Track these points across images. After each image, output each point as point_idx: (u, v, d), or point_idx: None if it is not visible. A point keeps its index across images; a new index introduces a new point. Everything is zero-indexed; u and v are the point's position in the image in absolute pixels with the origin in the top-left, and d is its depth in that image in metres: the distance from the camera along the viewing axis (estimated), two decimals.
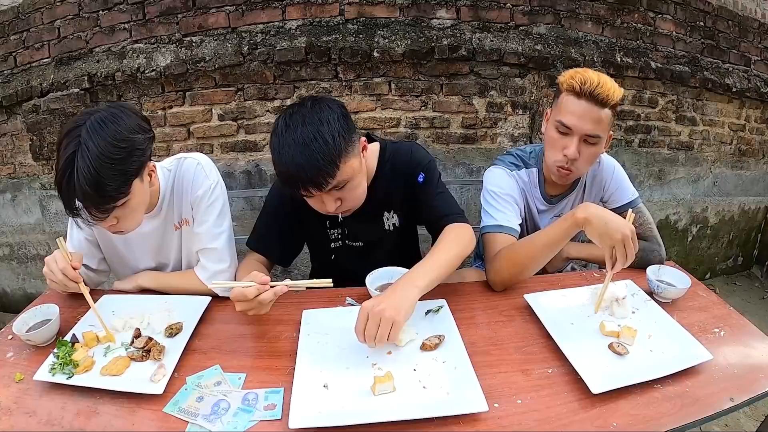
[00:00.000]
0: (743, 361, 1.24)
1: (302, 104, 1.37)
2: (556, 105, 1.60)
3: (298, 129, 1.29)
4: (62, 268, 1.34)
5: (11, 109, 2.99)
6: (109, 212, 1.26)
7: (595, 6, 2.99)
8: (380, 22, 2.77)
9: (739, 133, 3.68)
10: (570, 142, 1.55)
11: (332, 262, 1.77)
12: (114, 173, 1.22)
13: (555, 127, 1.58)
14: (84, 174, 1.18)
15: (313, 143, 1.27)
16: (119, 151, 1.23)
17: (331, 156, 1.29)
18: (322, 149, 1.27)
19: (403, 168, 1.63)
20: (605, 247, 1.34)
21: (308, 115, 1.32)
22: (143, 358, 1.23)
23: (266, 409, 1.08)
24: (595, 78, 1.49)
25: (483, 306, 1.49)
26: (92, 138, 1.20)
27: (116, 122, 1.25)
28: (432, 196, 1.63)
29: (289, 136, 1.29)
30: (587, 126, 1.52)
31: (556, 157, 1.60)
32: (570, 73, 1.54)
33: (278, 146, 1.31)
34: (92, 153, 1.19)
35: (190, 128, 2.84)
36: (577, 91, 1.50)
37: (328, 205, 1.39)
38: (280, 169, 1.34)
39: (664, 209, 3.58)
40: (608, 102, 1.50)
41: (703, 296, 1.54)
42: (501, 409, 1.08)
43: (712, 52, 3.38)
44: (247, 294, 1.21)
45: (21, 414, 1.09)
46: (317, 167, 1.27)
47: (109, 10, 2.76)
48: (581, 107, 1.51)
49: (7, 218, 3.30)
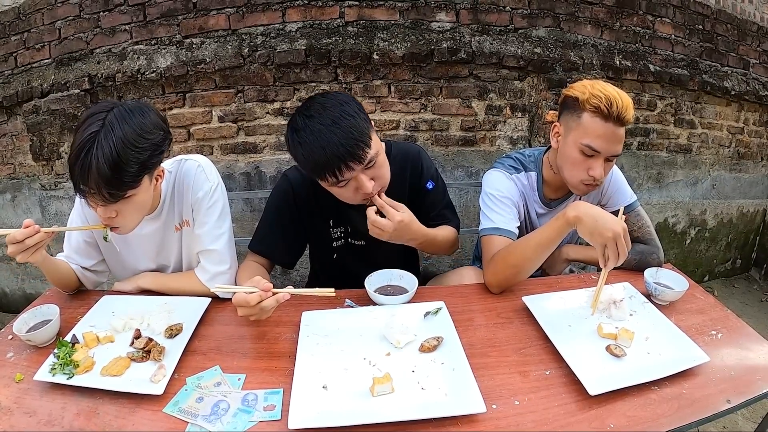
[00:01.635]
0: (740, 363, 1.24)
1: (312, 99, 1.41)
2: (576, 123, 1.54)
3: (322, 115, 1.34)
4: (21, 229, 1.31)
5: (11, 109, 2.99)
6: (117, 199, 1.27)
7: (594, 9, 3.00)
8: (380, 25, 2.77)
9: (738, 136, 3.69)
10: (596, 164, 1.53)
11: (333, 262, 1.78)
12: (133, 160, 1.24)
13: (579, 149, 1.54)
14: (105, 153, 1.19)
15: (341, 121, 1.32)
16: (143, 141, 1.26)
17: (362, 128, 1.35)
18: (352, 123, 1.33)
19: (412, 171, 1.68)
20: (597, 246, 1.35)
21: (326, 102, 1.37)
22: (143, 359, 1.23)
23: (266, 410, 1.09)
24: (617, 96, 1.45)
25: (481, 308, 1.50)
26: (119, 123, 1.23)
27: (143, 115, 1.29)
28: (440, 206, 1.73)
29: (315, 124, 1.33)
30: (615, 148, 1.52)
31: (582, 177, 1.57)
32: (589, 90, 1.49)
33: (307, 136, 1.34)
34: (117, 135, 1.21)
35: (190, 130, 2.84)
36: (605, 114, 1.46)
37: (365, 185, 1.40)
38: (315, 157, 1.34)
39: (662, 212, 3.59)
40: (630, 120, 1.49)
41: (701, 299, 1.55)
42: (499, 410, 1.08)
43: (711, 55, 3.39)
44: (250, 300, 1.22)
45: (21, 414, 1.09)
46: (354, 139, 1.32)
47: (110, 12, 2.76)
48: (609, 130, 1.49)
49: (6, 218, 3.30)
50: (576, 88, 1.54)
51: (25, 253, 1.33)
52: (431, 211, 1.71)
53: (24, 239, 1.31)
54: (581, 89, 1.52)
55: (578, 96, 1.51)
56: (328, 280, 1.78)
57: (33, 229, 1.32)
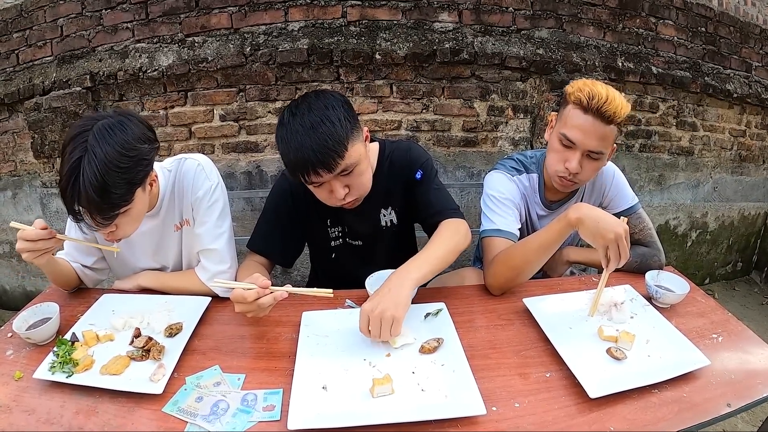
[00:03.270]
0: (741, 367, 1.24)
1: (306, 96, 1.41)
2: (561, 115, 1.59)
3: (305, 116, 1.34)
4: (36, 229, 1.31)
5: (13, 106, 2.99)
6: (112, 219, 1.26)
7: (597, 11, 3.00)
8: (382, 25, 2.77)
9: (740, 139, 3.69)
10: (572, 156, 1.54)
11: (332, 263, 1.78)
12: (120, 181, 1.22)
13: (558, 138, 1.56)
14: (90, 180, 1.17)
15: (320, 126, 1.31)
16: (127, 159, 1.22)
17: (339, 137, 1.32)
18: (329, 131, 1.31)
19: (402, 165, 1.65)
20: (599, 247, 1.35)
21: (313, 103, 1.37)
22: (143, 358, 1.23)
23: (265, 410, 1.09)
24: (603, 93, 1.46)
25: (482, 309, 1.49)
26: (100, 144, 1.19)
27: (124, 130, 1.24)
28: (428, 192, 1.64)
29: (297, 123, 1.33)
30: (592, 142, 1.51)
31: (558, 167, 1.59)
32: (578, 85, 1.51)
33: (286, 134, 1.35)
34: (99, 160, 1.18)
35: (191, 128, 2.84)
36: (584, 105, 1.48)
37: (337, 191, 1.40)
38: (289, 156, 1.35)
39: (663, 214, 3.58)
40: (615, 119, 1.48)
41: (702, 302, 1.55)
42: (499, 412, 1.08)
43: (713, 58, 3.39)
44: (247, 297, 1.22)
45: (20, 412, 1.09)
46: (326, 147, 1.30)
47: (112, 10, 2.76)
48: (587, 123, 1.49)
49: (7, 216, 3.30)
50: (570, 84, 1.57)
51: (33, 253, 1.32)
52: (421, 200, 1.66)
53: (37, 240, 1.30)
54: (573, 84, 1.55)
55: (567, 90, 1.55)
56: (328, 280, 1.78)
57: (48, 232, 1.32)
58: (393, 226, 1.74)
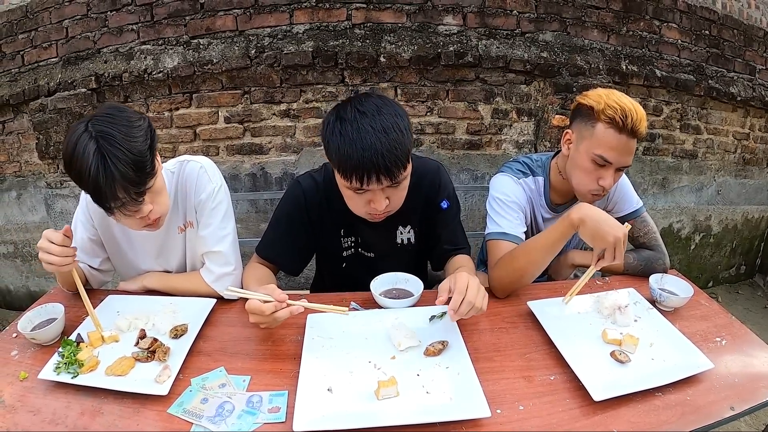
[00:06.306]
0: (744, 370, 1.24)
1: (369, 96, 1.35)
2: (588, 132, 1.53)
3: (376, 117, 1.27)
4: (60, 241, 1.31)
5: (18, 107, 3.01)
6: (144, 195, 1.27)
7: (601, 14, 3.00)
8: (387, 28, 2.78)
9: (743, 142, 3.69)
10: (607, 174, 1.53)
11: (341, 271, 1.76)
12: (143, 148, 1.23)
13: (591, 159, 1.53)
14: (119, 158, 1.18)
15: (391, 132, 1.26)
16: (136, 129, 1.24)
17: (406, 148, 1.29)
18: (399, 139, 1.27)
19: (429, 185, 1.63)
20: (596, 249, 1.36)
21: (382, 108, 1.30)
22: (148, 359, 1.24)
23: (270, 412, 1.09)
24: (632, 108, 1.44)
25: (486, 312, 1.47)
26: (106, 127, 1.20)
27: (119, 111, 1.27)
28: (451, 226, 1.69)
29: (367, 123, 1.26)
30: (627, 159, 1.51)
31: (592, 187, 1.57)
32: (606, 101, 1.47)
33: (350, 131, 1.26)
34: (117, 138, 1.19)
35: (196, 130, 2.85)
36: (620, 126, 1.45)
37: (380, 202, 1.35)
38: (352, 155, 1.26)
39: (667, 217, 3.58)
40: (643, 133, 1.48)
41: (705, 305, 1.55)
42: (503, 415, 1.08)
43: (717, 61, 3.38)
44: (265, 310, 1.21)
45: (25, 412, 1.09)
46: (395, 156, 1.25)
47: (117, 11, 2.78)
48: (622, 141, 1.47)
49: (12, 216, 3.32)
50: (591, 97, 1.53)
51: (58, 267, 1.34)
52: (442, 231, 1.68)
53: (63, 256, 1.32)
54: (596, 98, 1.50)
55: (593, 105, 1.50)
56: (334, 285, 1.78)
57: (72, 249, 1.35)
58: (410, 245, 1.72)
